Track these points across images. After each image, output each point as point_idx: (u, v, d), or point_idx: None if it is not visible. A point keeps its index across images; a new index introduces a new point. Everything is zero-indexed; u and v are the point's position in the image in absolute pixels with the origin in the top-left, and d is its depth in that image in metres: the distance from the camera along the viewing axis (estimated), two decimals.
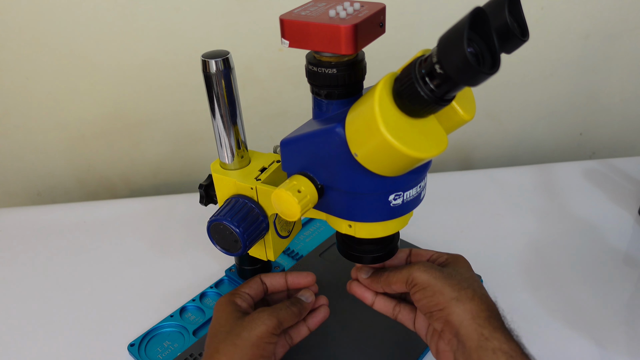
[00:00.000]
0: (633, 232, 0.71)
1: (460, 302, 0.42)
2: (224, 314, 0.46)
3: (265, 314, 0.45)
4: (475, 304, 0.41)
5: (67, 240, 0.76)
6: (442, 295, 0.42)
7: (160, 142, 0.93)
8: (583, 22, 0.86)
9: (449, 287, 0.42)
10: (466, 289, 0.42)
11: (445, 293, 0.42)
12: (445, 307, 0.42)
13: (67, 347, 0.58)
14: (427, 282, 0.43)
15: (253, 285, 0.51)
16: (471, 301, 0.42)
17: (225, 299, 0.48)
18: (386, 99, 0.34)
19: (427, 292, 0.43)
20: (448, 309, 0.42)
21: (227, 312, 0.46)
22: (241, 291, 0.49)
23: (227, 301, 0.48)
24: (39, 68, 0.83)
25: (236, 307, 0.47)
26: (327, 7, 0.38)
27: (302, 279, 0.52)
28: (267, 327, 0.44)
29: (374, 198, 0.40)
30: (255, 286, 0.51)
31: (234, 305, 0.47)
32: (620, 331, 0.56)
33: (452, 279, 0.43)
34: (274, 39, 0.83)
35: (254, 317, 0.45)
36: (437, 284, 0.43)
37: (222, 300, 0.48)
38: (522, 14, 0.36)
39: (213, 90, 0.49)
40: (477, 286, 0.43)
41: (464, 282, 0.43)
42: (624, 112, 0.97)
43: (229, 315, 0.46)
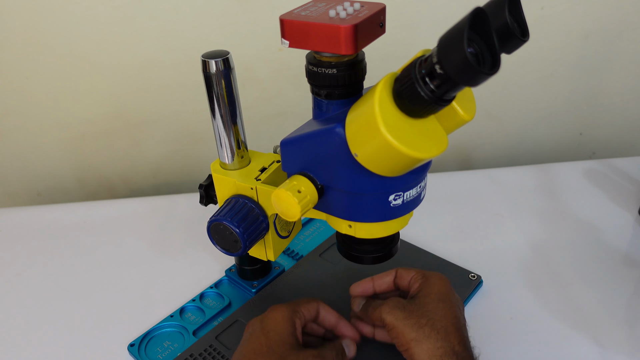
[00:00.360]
0: (633, 232, 0.71)
1: (418, 343, 0.44)
2: (283, 332, 0.44)
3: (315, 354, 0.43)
4: (431, 342, 0.43)
5: (67, 240, 0.76)
6: (403, 337, 0.45)
7: (160, 142, 0.93)
8: (583, 22, 0.86)
9: (408, 328, 0.45)
10: (424, 326, 0.44)
11: (405, 334, 0.45)
12: (408, 348, 0.44)
13: (67, 347, 0.58)
14: (391, 324, 0.46)
15: (311, 309, 0.49)
16: (427, 339, 0.44)
17: (288, 313, 0.46)
18: (386, 99, 0.34)
19: (393, 333, 0.46)
20: (410, 350, 0.44)
21: (286, 331, 0.44)
22: (301, 311, 0.47)
23: (289, 317, 0.45)
24: (39, 68, 0.83)
25: (293, 330, 0.45)
26: (327, 7, 0.38)
27: (350, 332, 0.50)
28: None
29: (374, 198, 0.40)
30: (312, 311, 0.49)
31: (293, 326, 0.45)
32: (620, 331, 0.56)
33: (411, 318, 0.45)
34: (274, 39, 0.83)
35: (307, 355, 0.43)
36: (399, 325, 0.45)
37: (284, 311, 0.46)
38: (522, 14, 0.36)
39: (213, 90, 0.49)
40: (439, 317, 0.45)
41: (423, 318, 0.45)
42: (624, 112, 0.97)
43: (286, 337, 0.44)
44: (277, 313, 0.46)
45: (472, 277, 0.62)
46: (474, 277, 0.62)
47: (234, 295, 0.62)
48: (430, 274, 0.49)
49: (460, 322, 0.46)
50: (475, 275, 0.62)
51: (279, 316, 0.45)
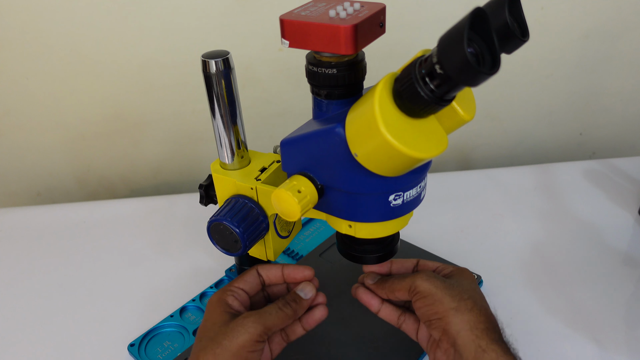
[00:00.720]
0: (633, 232, 0.71)
1: (459, 312, 0.42)
2: (212, 315, 0.43)
3: (250, 321, 0.41)
4: (473, 315, 0.42)
5: (67, 240, 0.76)
6: (441, 305, 0.43)
7: (160, 142, 0.93)
8: (583, 22, 0.86)
9: (448, 297, 0.43)
10: (466, 300, 0.43)
11: (444, 302, 0.43)
12: (443, 316, 0.42)
13: (67, 347, 0.58)
14: (428, 291, 0.43)
15: (249, 279, 0.47)
16: (470, 312, 0.42)
17: (217, 297, 0.45)
18: (386, 99, 0.34)
19: (428, 300, 0.43)
20: (446, 319, 0.42)
21: (216, 313, 0.43)
22: (234, 287, 0.46)
23: (218, 300, 0.44)
24: (39, 68, 0.83)
25: (227, 308, 0.43)
26: (327, 7, 0.38)
27: (299, 273, 0.48)
28: (250, 335, 0.41)
29: (374, 198, 0.40)
30: (251, 279, 0.47)
31: (224, 306, 0.44)
32: (620, 331, 0.56)
33: (452, 289, 0.43)
34: (274, 39, 0.83)
35: (238, 323, 0.41)
36: (438, 292, 0.43)
37: (214, 298, 0.45)
38: (522, 14, 0.36)
39: (213, 90, 0.49)
40: (478, 298, 0.44)
41: (464, 293, 0.43)
42: (624, 112, 0.97)
43: (216, 318, 0.43)
44: (209, 300, 0.45)
45: None
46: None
47: None
48: (461, 267, 0.49)
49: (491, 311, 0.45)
50: (475, 275, 0.62)
51: (210, 301, 0.45)
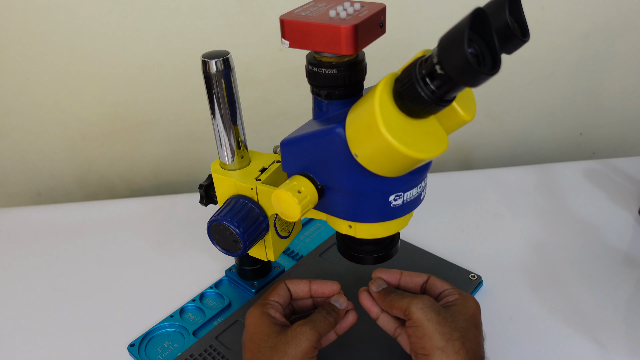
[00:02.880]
0: (633, 232, 0.71)
1: (444, 354, 0.41)
2: (263, 328, 0.45)
3: (308, 329, 0.44)
4: (459, 358, 0.41)
5: (67, 240, 0.76)
6: (429, 341, 0.42)
7: (160, 142, 0.93)
8: (583, 22, 0.86)
9: (438, 334, 0.42)
10: (455, 340, 0.42)
11: (433, 339, 0.42)
12: (429, 353, 0.42)
13: (67, 347, 0.58)
14: (420, 322, 0.43)
15: (280, 292, 0.49)
16: (455, 355, 0.41)
17: (259, 311, 0.47)
18: (386, 99, 0.34)
19: (418, 331, 0.43)
20: (431, 357, 0.42)
21: (265, 325, 0.45)
22: (271, 300, 0.48)
23: (262, 313, 0.46)
24: (39, 68, 0.83)
25: (272, 320, 0.46)
26: (327, 8, 0.38)
27: (327, 289, 0.50)
28: (310, 342, 0.44)
29: (374, 198, 0.40)
30: (283, 293, 0.49)
31: (270, 318, 0.46)
32: (620, 331, 0.56)
33: (444, 326, 0.43)
34: (274, 39, 0.83)
35: (297, 332, 0.44)
36: (429, 327, 0.43)
37: (255, 312, 0.47)
38: (522, 14, 0.36)
39: (213, 90, 0.49)
40: (469, 338, 0.43)
41: (456, 331, 0.42)
42: (624, 112, 0.97)
43: (268, 329, 0.45)
44: (251, 317, 0.47)
45: (472, 277, 0.62)
46: (474, 277, 0.62)
47: (234, 296, 0.62)
48: (467, 295, 0.48)
49: (484, 353, 0.45)
50: (475, 275, 0.62)
51: (253, 316, 0.47)
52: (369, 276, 0.63)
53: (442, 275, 0.63)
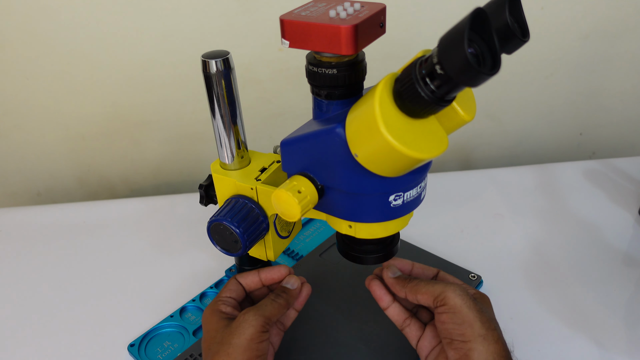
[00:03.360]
0: (633, 232, 0.71)
1: (486, 342, 0.41)
2: (212, 325, 0.46)
3: (251, 315, 0.44)
4: (499, 347, 0.41)
5: (67, 240, 0.76)
6: (470, 328, 0.41)
7: (160, 142, 0.93)
8: (583, 22, 0.86)
9: (479, 322, 0.41)
10: (494, 330, 0.42)
11: (474, 327, 0.41)
12: (470, 340, 0.41)
13: (67, 347, 0.58)
14: (459, 309, 0.42)
15: (232, 287, 0.50)
16: (496, 344, 0.41)
17: (210, 310, 0.47)
18: (386, 99, 0.34)
19: (456, 318, 0.42)
20: (472, 344, 0.41)
21: (214, 322, 0.46)
22: (223, 297, 0.49)
23: (212, 311, 0.47)
24: (39, 68, 0.83)
25: (222, 315, 0.46)
26: (327, 8, 0.38)
27: (275, 274, 0.50)
28: (254, 328, 0.43)
29: (374, 198, 0.40)
30: (234, 287, 0.50)
31: (219, 314, 0.46)
32: (620, 331, 0.56)
33: (483, 315, 0.42)
34: (274, 39, 0.83)
35: (240, 320, 0.44)
36: (470, 314, 0.42)
37: (207, 312, 0.48)
38: (522, 14, 0.36)
39: (213, 90, 0.49)
40: (500, 330, 0.43)
41: (492, 321, 0.43)
42: (624, 112, 0.97)
43: (216, 325, 0.45)
44: (203, 315, 0.48)
45: (472, 277, 0.62)
46: (474, 277, 0.62)
47: None
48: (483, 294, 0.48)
49: None
50: (475, 275, 0.62)
51: (205, 315, 0.47)
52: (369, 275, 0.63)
53: None
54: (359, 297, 0.60)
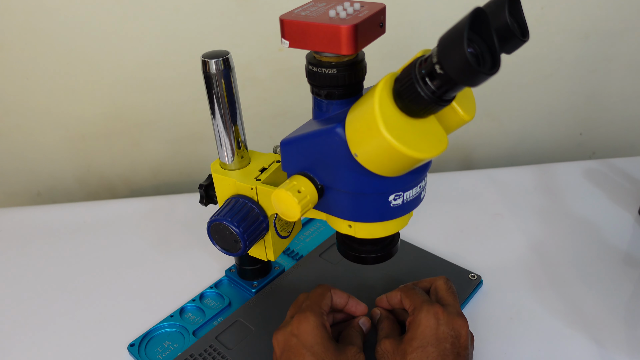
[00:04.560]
0: (633, 232, 0.71)
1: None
2: (323, 340, 0.45)
3: (357, 350, 0.47)
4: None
5: (67, 240, 0.76)
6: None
7: (160, 142, 0.93)
8: (583, 22, 0.86)
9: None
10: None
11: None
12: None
13: (67, 347, 0.58)
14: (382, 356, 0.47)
15: (328, 301, 0.50)
16: None
17: (318, 321, 0.46)
18: (386, 99, 0.34)
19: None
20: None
21: (324, 338, 0.46)
22: (323, 309, 0.48)
23: (320, 324, 0.46)
24: (39, 68, 0.83)
25: (328, 334, 0.46)
26: (327, 8, 0.38)
27: (360, 308, 0.53)
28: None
29: (374, 198, 0.40)
30: (329, 302, 0.50)
31: (326, 331, 0.46)
32: (620, 331, 0.56)
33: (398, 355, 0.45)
34: (273, 39, 0.83)
35: (353, 353, 0.46)
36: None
37: (314, 320, 0.46)
38: (522, 14, 0.36)
39: (213, 90, 0.49)
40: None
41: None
42: (624, 112, 0.97)
43: (327, 344, 0.45)
44: (308, 324, 0.46)
45: (472, 277, 0.62)
46: (474, 277, 0.62)
47: (234, 296, 0.62)
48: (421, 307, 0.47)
49: None
50: (475, 275, 0.62)
51: (311, 327, 0.46)
52: (369, 276, 0.63)
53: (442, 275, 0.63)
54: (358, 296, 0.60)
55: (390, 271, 0.63)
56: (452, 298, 0.50)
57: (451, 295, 0.50)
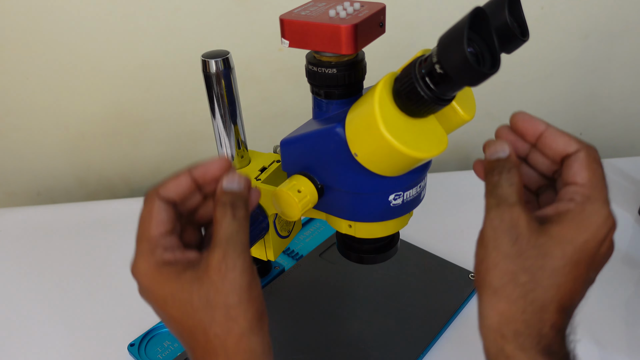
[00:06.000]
0: (633, 232, 0.71)
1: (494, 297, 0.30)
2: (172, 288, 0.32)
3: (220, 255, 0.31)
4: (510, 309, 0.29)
5: (67, 240, 0.76)
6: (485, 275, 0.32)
7: (160, 142, 0.93)
8: (583, 22, 0.86)
9: (496, 271, 0.30)
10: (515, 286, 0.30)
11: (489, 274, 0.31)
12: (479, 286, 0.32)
13: (67, 347, 0.58)
14: (485, 243, 0.32)
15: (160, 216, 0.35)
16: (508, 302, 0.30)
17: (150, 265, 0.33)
18: (386, 98, 0.34)
19: (479, 253, 0.33)
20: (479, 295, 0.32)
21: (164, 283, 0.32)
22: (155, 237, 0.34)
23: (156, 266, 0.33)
24: (39, 68, 0.83)
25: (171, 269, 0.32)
26: (327, 7, 0.38)
27: (213, 167, 0.35)
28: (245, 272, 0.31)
29: (374, 198, 0.40)
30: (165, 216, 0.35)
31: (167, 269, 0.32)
32: (620, 331, 0.56)
33: (513, 262, 0.30)
34: (274, 39, 0.83)
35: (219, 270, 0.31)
36: (492, 256, 0.31)
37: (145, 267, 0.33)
38: (522, 14, 0.36)
39: (213, 90, 0.49)
40: (544, 285, 0.29)
41: (526, 273, 0.29)
42: (624, 112, 0.97)
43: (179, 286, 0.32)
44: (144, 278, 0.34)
45: (472, 277, 0.62)
46: (473, 277, 0.62)
47: None
48: (599, 203, 0.30)
49: (576, 298, 0.32)
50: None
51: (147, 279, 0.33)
52: (369, 276, 0.63)
53: (442, 275, 0.63)
54: (359, 296, 0.60)
55: (390, 271, 0.63)
56: None
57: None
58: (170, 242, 0.33)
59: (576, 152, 0.32)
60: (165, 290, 0.32)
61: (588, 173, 0.31)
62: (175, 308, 0.32)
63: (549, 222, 0.31)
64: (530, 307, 0.29)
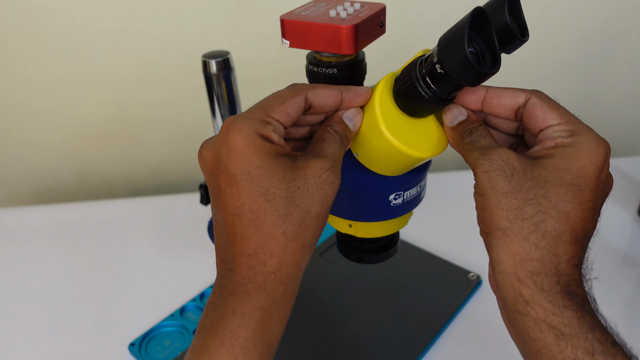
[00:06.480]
0: (633, 232, 0.71)
1: (505, 238, 0.29)
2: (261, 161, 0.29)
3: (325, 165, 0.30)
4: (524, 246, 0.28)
5: (67, 240, 0.76)
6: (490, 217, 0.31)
7: (160, 142, 0.93)
8: (583, 23, 0.86)
9: (502, 210, 0.29)
10: (526, 219, 0.28)
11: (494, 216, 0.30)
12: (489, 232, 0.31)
13: (67, 347, 0.58)
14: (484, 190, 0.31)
15: (291, 108, 0.33)
16: (520, 240, 0.28)
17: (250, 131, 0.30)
18: (386, 98, 0.34)
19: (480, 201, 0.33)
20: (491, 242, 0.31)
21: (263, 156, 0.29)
22: (272, 117, 0.32)
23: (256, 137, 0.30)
24: (40, 69, 0.83)
25: (272, 147, 0.30)
26: (327, 7, 0.38)
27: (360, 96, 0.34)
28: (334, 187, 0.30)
29: (374, 197, 0.40)
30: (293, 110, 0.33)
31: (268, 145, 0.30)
32: (621, 331, 0.56)
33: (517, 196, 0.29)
34: (274, 39, 0.83)
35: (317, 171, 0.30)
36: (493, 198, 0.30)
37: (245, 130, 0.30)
38: (522, 14, 0.36)
39: (213, 90, 0.49)
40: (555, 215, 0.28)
41: (532, 205, 0.28)
42: (623, 112, 0.97)
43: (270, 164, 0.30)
44: (239, 137, 0.30)
45: (471, 277, 0.62)
46: (473, 277, 0.62)
47: None
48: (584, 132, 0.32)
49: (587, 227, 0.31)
50: (475, 274, 0.62)
51: (244, 141, 0.30)
52: (369, 275, 0.63)
53: (442, 275, 0.63)
54: (359, 296, 0.60)
55: (390, 271, 0.63)
56: None
57: None
58: (280, 130, 0.32)
59: (527, 100, 0.33)
60: (257, 162, 0.29)
61: (555, 112, 0.32)
62: (253, 184, 0.29)
63: (540, 158, 0.31)
64: (543, 240, 0.28)
